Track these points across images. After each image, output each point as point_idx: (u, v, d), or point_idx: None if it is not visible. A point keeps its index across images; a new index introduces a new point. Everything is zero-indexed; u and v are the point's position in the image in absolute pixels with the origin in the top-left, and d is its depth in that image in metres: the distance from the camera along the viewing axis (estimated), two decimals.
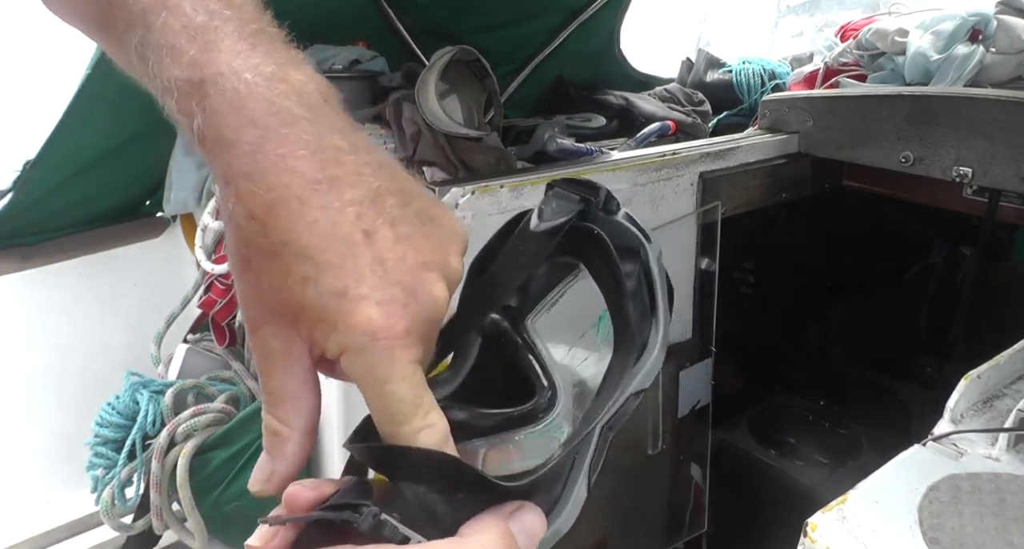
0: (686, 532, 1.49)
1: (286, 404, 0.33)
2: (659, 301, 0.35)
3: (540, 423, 0.36)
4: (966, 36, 1.38)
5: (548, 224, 0.35)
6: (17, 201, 1.35)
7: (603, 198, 0.35)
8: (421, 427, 0.31)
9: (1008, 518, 0.60)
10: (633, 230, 0.36)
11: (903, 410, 1.68)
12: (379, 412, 0.32)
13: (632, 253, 0.35)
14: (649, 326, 0.34)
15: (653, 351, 0.34)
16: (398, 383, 0.31)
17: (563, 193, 0.35)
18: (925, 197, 1.38)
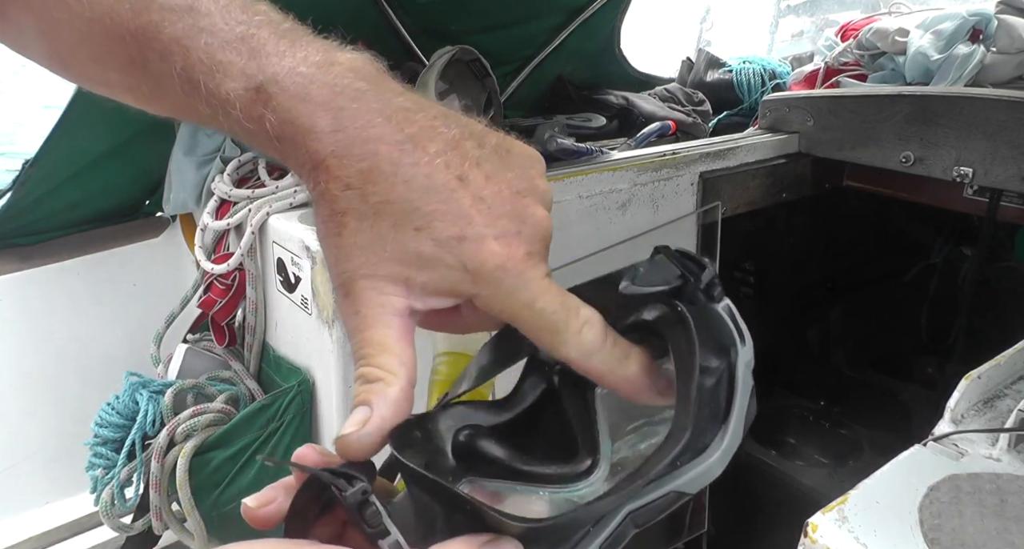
0: (686, 532, 1.49)
1: (386, 354, 0.32)
2: (734, 409, 0.33)
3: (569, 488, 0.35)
4: (967, 36, 1.38)
5: (636, 290, 0.33)
6: (16, 201, 1.35)
7: (706, 281, 0.33)
8: (579, 328, 0.33)
9: (1009, 518, 0.60)
10: (729, 325, 0.34)
11: (903, 410, 1.67)
12: (538, 331, 0.33)
13: (721, 350, 0.34)
14: (715, 432, 0.32)
15: (711, 457, 0.31)
16: (543, 299, 0.32)
17: (665, 262, 0.33)
18: (926, 197, 1.38)
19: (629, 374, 0.34)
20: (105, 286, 1.54)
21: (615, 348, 0.34)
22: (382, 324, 0.32)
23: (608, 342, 0.34)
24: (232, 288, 1.25)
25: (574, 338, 0.33)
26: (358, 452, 0.31)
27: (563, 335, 0.33)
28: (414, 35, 1.61)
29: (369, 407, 0.31)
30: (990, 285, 1.52)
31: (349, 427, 0.31)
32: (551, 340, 0.33)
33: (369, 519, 0.28)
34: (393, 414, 0.32)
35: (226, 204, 1.24)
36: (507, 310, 0.33)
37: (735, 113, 1.84)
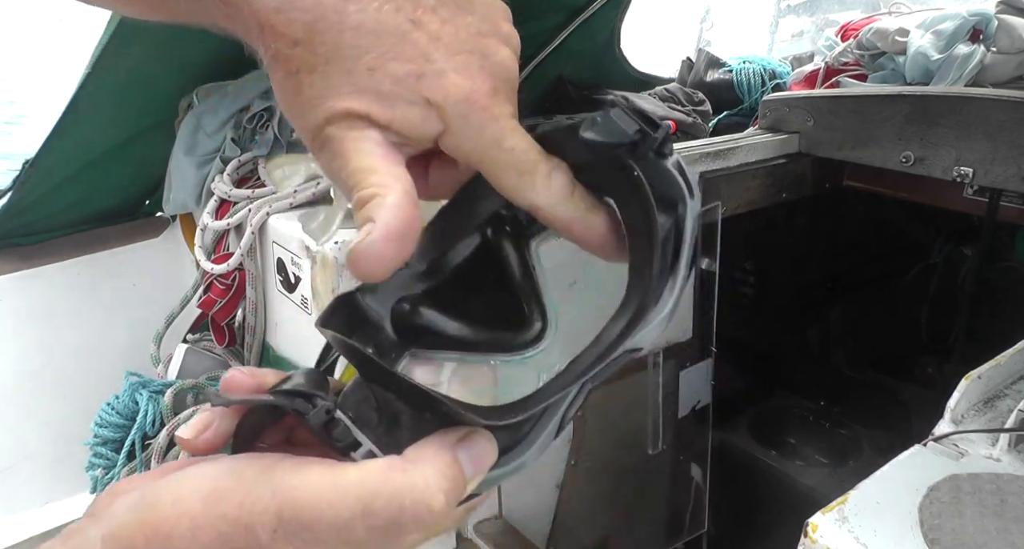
0: (686, 532, 1.49)
1: (374, 174, 0.30)
2: (682, 262, 0.32)
3: (521, 354, 0.34)
4: (967, 36, 1.38)
5: (594, 138, 0.32)
6: (16, 201, 1.35)
7: (660, 138, 0.32)
8: (549, 171, 0.32)
9: (1009, 518, 0.60)
10: (679, 181, 0.33)
11: (903, 410, 1.67)
12: (504, 172, 0.31)
13: (670, 205, 0.33)
14: (664, 283, 0.32)
15: (663, 310, 0.31)
16: (513, 137, 0.31)
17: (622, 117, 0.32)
18: (926, 197, 1.38)
19: (598, 224, 0.33)
20: (105, 286, 1.54)
21: (583, 197, 0.33)
22: (363, 153, 0.31)
23: (577, 190, 0.32)
24: (232, 288, 1.25)
25: (544, 181, 0.31)
26: (369, 265, 0.29)
27: (534, 176, 0.31)
28: None
29: (372, 221, 0.29)
30: (990, 285, 1.52)
31: (355, 242, 0.29)
32: (519, 183, 0.31)
33: (338, 436, 0.27)
34: (397, 219, 0.29)
35: (226, 204, 1.24)
36: (476, 149, 0.31)
37: (735, 113, 1.84)
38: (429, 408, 0.28)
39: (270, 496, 0.26)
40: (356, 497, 0.26)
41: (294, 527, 0.26)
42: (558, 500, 1.28)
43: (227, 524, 0.26)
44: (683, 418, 1.41)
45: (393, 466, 0.27)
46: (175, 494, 0.27)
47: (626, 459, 1.36)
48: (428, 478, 0.27)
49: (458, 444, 0.28)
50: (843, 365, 1.86)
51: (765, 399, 1.84)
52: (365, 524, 0.26)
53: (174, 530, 0.26)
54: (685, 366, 1.37)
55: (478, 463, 0.28)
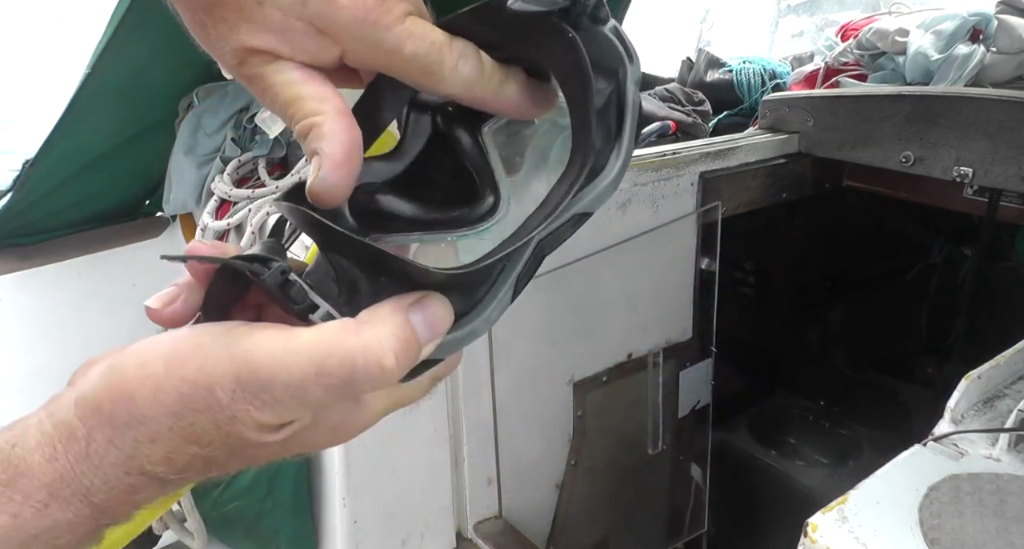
0: (686, 532, 1.49)
1: (304, 102, 0.31)
2: (626, 127, 0.32)
3: (477, 227, 0.35)
4: (966, 36, 1.38)
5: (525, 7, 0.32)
6: (16, 201, 1.35)
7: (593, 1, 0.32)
8: (455, 62, 0.32)
9: (1009, 518, 0.60)
10: (617, 46, 0.33)
11: (903, 410, 1.67)
12: (411, 75, 0.32)
13: (609, 72, 0.33)
14: (611, 150, 0.32)
15: (610, 175, 0.32)
16: (411, 43, 0.31)
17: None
18: (926, 197, 1.38)
19: (511, 94, 0.34)
20: (105, 286, 1.54)
21: (493, 74, 0.33)
22: (284, 84, 0.31)
23: (486, 70, 0.33)
24: None
25: (452, 74, 0.32)
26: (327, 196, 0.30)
27: (440, 74, 0.32)
28: None
29: (316, 154, 0.30)
30: (990, 285, 1.52)
31: (309, 181, 0.31)
32: (428, 80, 0.32)
33: (295, 297, 0.28)
34: (338, 145, 0.30)
35: (226, 204, 1.24)
36: (377, 61, 0.32)
37: (735, 113, 1.84)
38: (384, 270, 0.29)
39: (228, 359, 0.27)
40: (309, 357, 0.26)
41: (252, 387, 0.26)
42: (558, 500, 1.28)
43: (188, 386, 0.27)
44: (683, 418, 1.41)
45: (346, 328, 0.27)
46: (139, 359, 0.28)
47: (626, 459, 1.36)
48: (380, 338, 0.27)
49: (411, 306, 0.28)
50: (843, 365, 1.86)
51: (765, 399, 1.84)
52: (320, 383, 0.27)
53: (137, 392, 0.27)
54: (685, 366, 1.37)
55: (432, 325, 0.29)
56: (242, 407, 0.27)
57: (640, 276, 1.24)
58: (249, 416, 0.27)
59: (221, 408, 0.27)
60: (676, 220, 1.24)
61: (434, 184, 0.36)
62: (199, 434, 0.27)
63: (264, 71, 0.31)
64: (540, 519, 1.27)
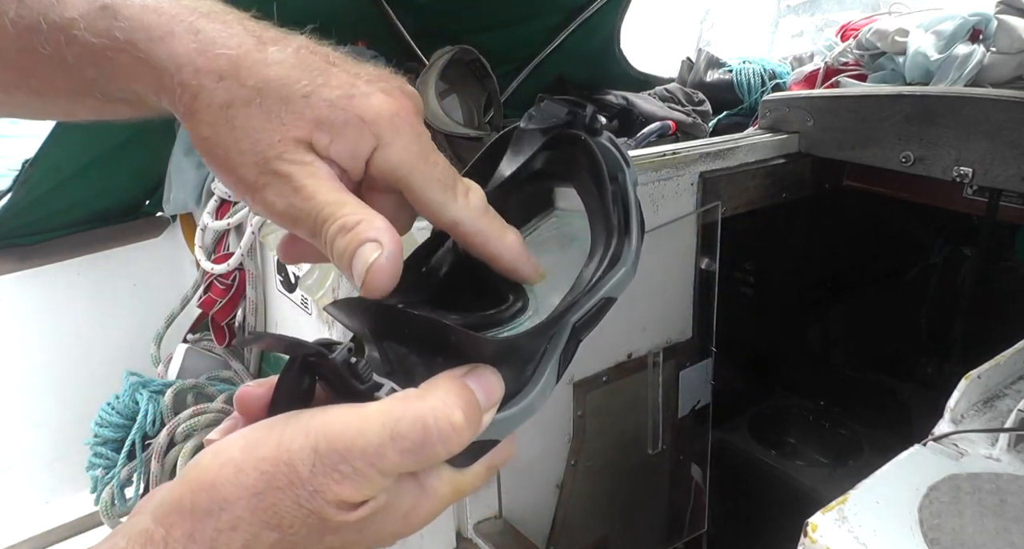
0: (686, 532, 1.49)
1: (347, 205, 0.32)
2: (633, 222, 0.36)
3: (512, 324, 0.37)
4: (966, 36, 1.38)
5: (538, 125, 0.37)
6: (16, 201, 1.35)
7: (589, 115, 0.37)
8: (467, 189, 0.35)
9: (1009, 518, 0.60)
10: (615, 153, 0.37)
11: (903, 410, 1.67)
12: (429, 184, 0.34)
13: (611, 175, 0.36)
14: (623, 243, 0.36)
15: (626, 264, 0.35)
16: (436, 153, 0.34)
17: (552, 106, 0.37)
18: (926, 197, 1.38)
19: (511, 240, 0.36)
20: (105, 286, 1.54)
21: (498, 218, 0.36)
22: (326, 188, 0.32)
23: (491, 210, 0.35)
24: (232, 288, 1.25)
25: (464, 197, 0.34)
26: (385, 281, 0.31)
27: (455, 190, 0.34)
28: (414, 35, 1.61)
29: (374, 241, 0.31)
30: (990, 285, 1.52)
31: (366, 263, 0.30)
32: (443, 197, 0.34)
33: (362, 374, 0.29)
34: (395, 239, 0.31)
35: (226, 204, 1.24)
36: (407, 161, 0.33)
37: (735, 113, 1.84)
38: (440, 349, 0.31)
39: (303, 434, 0.27)
40: (381, 423, 0.27)
41: (332, 459, 0.27)
42: (558, 500, 1.28)
43: (268, 464, 0.27)
44: (683, 418, 1.41)
45: (410, 395, 0.29)
46: (213, 452, 0.29)
47: (626, 459, 1.36)
48: (444, 399, 0.29)
49: (465, 375, 0.30)
50: (843, 365, 1.86)
51: (765, 399, 1.84)
52: (396, 448, 0.27)
53: (218, 478, 0.27)
54: (685, 366, 1.37)
55: (488, 391, 0.30)
56: (322, 480, 0.27)
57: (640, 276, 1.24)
58: (330, 489, 0.27)
59: (302, 483, 0.27)
60: (676, 220, 1.24)
61: (464, 294, 0.38)
62: (280, 516, 0.27)
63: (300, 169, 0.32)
64: (540, 519, 1.27)
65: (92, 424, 1.24)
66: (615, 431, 1.32)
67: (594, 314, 0.35)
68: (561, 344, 0.34)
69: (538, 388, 0.33)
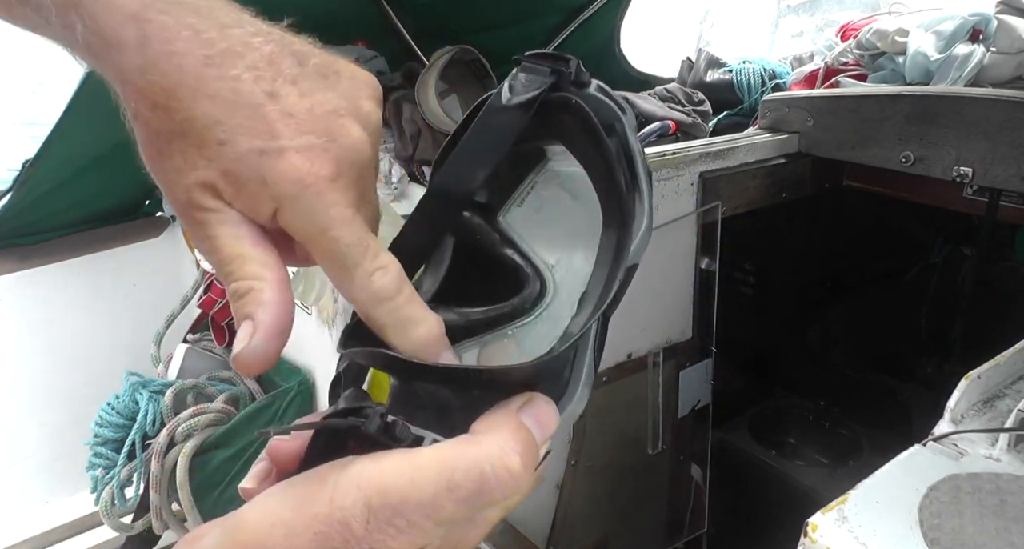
0: (686, 532, 1.49)
1: (246, 263, 0.31)
2: (640, 173, 0.33)
3: (533, 313, 0.35)
4: (966, 36, 1.38)
5: (521, 98, 0.33)
6: (16, 201, 1.35)
7: (575, 69, 0.33)
8: (372, 270, 0.31)
9: (1009, 518, 0.60)
10: (608, 102, 0.34)
11: (903, 410, 1.68)
12: (327, 261, 0.31)
13: (608, 127, 0.34)
14: (634, 199, 0.33)
15: (642, 223, 0.33)
16: (339, 228, 0.31)
17: (532, 66, 0.34)
18: (926, 197, 1.38)
19: (413, 338, 0.32)
20: (105, 286, 1.54)
21: (409, 306, 0.32)
22: (230, 237, 0.31)
23: (402, 297, 0.32)
24: None
25: (363, 280, 0.31)
26: (255, 365, 0.30)
27: (352, 273, 0.31)
28: (414, 35, 1.61)
29: (251, 319, 0.30)
30: (990, 285, 1.52)
31: (238, 345, 0.30)
32: (339, 275, 0.31)
33: (400, 435, 0.27)
34: (275, 317, 0.30)
35: None
36: (303, 231, 0.31)
37: (735, 113, 1.84)
38: (475, 384, 0.29)
39: (355, 489, 0.26)
40: (437, 472, 0.26)
41: (386, 514, 0.26)
42: (558, 500, 1.28)
43: (321, 523, 0.26)
44: (683, 418, 1.41)
45: (464, 441, 0.28)
46: (261, 510, 0.27)
47: (626, 459, 1.36)
48: (501, 443, 0.27)
49: (519, 411, 0.29)
50: (843, 365, 1.86)
51: (765, 399, 1.84)
52: (452, 498, 0.26)
53: (268, 540, 0.26)
54: (685, 366, 1.37)
55: (543, 424, 0.29)
56: (378, 537, 0.26)
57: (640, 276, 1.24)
58: (385, 545, 0.26)
59: (357, 541, 0.25)
60: (676, 220, 1.24)
61: (474, 288, 0.36)
62: None
63: (210, 217, 0.31)
64: (540, 519, 1.27)
65: (92, 424, 1.24)
66: (615, 431, 1.32)
67: (620, 289, 0.32)
68: (592, 335, 0.33)
69: (580, 385, 0.32)
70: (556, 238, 0.38)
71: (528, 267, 0.36)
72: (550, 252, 0.37)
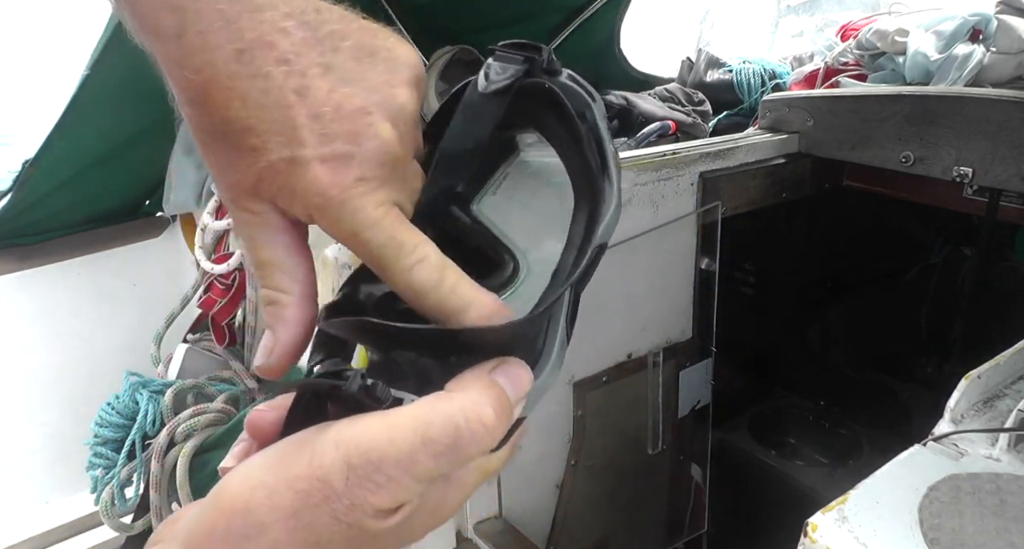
0: (686, 532, 1.49)
1: (277, 272, 0.33)
2: (609, 158, 0.35)
3: (507, 291, 0.36)
4: (966, 36, 1.38)
5: (496, 85, 0.34)
6: (17, 201, 1.35)
7: (547, 58, 0.34)
8: (412, 264, 0.32)
9: (1009, 518, 0.60)
10: (579, 90, 0.35)
11: (903, 410, 1.68)
12: (367, 261, 0.33)
13: (580, 114, 0.35)
14: (603, 181, 0.35)
15: (611, 204, 0.34)
16: (369, 231, 0.31)
17: (505, 55, 0.35)
18: (925, 197, 1.38)
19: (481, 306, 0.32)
20: (106, 286, 1.54)
21: (454, 294, 0.32)
22: (268, 243, 0.33)
23: (446, 285, 0.32)
24: (232, 288, 1.25)
25: (402, 275, 0.32)
26: (272, 376, 0.33)
27: (391, 271, 0.32)
28: (414, 35, 1.61)
29: (272, 333, 0.33)
30: (990, 285, 1.52)
31: (260, 358, 0.33)
32: (381, 274, 0.32)
33: (380, 396, 0.28)
34: (295, 333, 0.33)
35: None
36: (337, 236, 0.32)
37: (735, 113, 1.84)
38: (453, 349, 0.30)
39: (334, 448, 0.27)
40: (412, 429, 0.27)
41: (365, 470, 0.26)
42: (558, 500, 1.28)
43: (302, 482, 0.26)
44: (683, 418, 1.41)
45: (439, 397, 0.28)
46: (242, 476, 0.28)
47: (626, 459, 1.36)
48: (474, 397, 0.28)
49: (492, 370, 0.30)
50: (843, 365, 1.86)
51: (765, 399, 1.84)
52: (428, 452, 0.27)
53: (251, 502, 0.27)
54: (685, 366, 1.37)
55: (516, 383, 0.30)
56: (358, 492, 0.26)
57: (640, 276, 1.24)
58: (366, 501, 0.27)
59: (338, 497, 0.26)
60: (676, 220, 1.24)
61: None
62: (318, 533, 0.27)
63: (251, 219, 0.32)
64: (540, 519, 1.27)
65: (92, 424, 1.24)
66: (615, 431, 1.32)
67: (589, 265, 0.34)
68: (564, 308, 0.34)
69: (553, 356, 0.33)
70: (528, 223, 0.39)
71: (500, 248, 0.37)
72: (523, 236, 0.38)
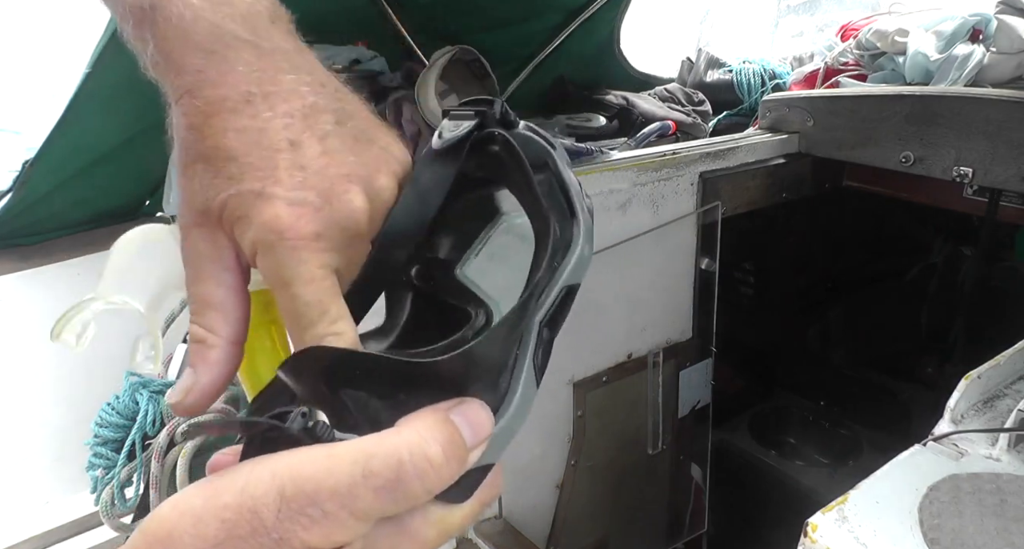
0: (686, 532, 1.49)
1: (212, 311, 0.33)
2: (575, 203, 0.34)
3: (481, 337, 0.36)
4: (966, 36, 1.38)
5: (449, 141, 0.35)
6: (17, 201, 1.35)
7: (499, 110, 0.35)
8: (325, 334, 0.31)
9: (1009, 518, 0.60)
10: (536, 140, 0.35)
11: (903, 410, 1.68)
12: (286, 315, 0.32)
13: (540, 163, 0.35)
14: (571, 226, 0.34)
15: (577, 246, 0.33)
16: (302, 286, 0.31)
17: (458, 113, 0.36)
18: (925, 197, 1.38)
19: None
20: None
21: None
22: (210, 277, 0.33)
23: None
24: None
25: (313, 341, 0.31)
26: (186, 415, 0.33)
27: (304, 332, 0.31)
28: (414, 35, 1.61)
29: (193, 372, 0.33)
30: (990, 285, 1.52)
31: (176, 396, 0.33)
32: (293, 332, 0.32)
33: (321, 436, 0.27)
34: (215, 377, 0.33)
35: None
36: (269, 279, 0.32)
37: (735, 113, 1.84)
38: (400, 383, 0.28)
39: (269, 477, 0.25)
40: (352, 460, 0.25)
41: (299, 502, 0.24)
42: (558, 500, 1.28)
43: (230, 512, 0.25)
44: (683, 418, 1.41)
45: (384, 432, 0.27)
46: (173, 503, 0.26)
47: (626, 459, 1.36)
48: (421, 432, 0.26)
49: (449, 409, 0.28)
50: (843, 365, 1.86)
51: (765, 399, 1.84)
52: (368, 486, 0.25)
53: (175, 530, 0.25)
54: (685, 366, 1.37)
55: (474, 425, 0.28)
56: (289, 526, 0.24)
57: (640, 276, 1.24)
58: (297, 536, 0.24)
59: (267, 531, 0.24)
60: (676, 220, 1.24)
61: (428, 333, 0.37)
62: None
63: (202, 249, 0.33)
64: (540, 519, 1.27)
65: (92, 424, 1.24)
66: (615, 431, 1.32)
67: (559, 307, 0.33)
68: (531, 346, 0.32)
69: (516, 399, 0.31)
70: (504, 277, 0.39)
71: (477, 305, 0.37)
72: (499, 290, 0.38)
